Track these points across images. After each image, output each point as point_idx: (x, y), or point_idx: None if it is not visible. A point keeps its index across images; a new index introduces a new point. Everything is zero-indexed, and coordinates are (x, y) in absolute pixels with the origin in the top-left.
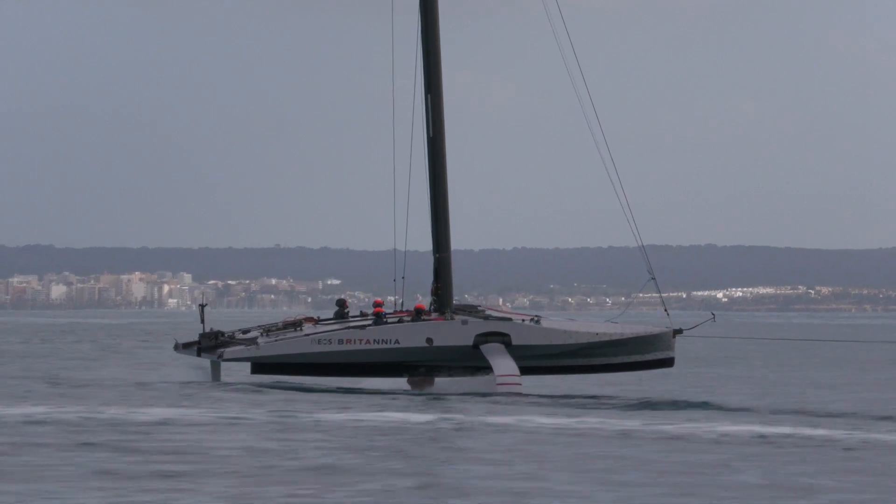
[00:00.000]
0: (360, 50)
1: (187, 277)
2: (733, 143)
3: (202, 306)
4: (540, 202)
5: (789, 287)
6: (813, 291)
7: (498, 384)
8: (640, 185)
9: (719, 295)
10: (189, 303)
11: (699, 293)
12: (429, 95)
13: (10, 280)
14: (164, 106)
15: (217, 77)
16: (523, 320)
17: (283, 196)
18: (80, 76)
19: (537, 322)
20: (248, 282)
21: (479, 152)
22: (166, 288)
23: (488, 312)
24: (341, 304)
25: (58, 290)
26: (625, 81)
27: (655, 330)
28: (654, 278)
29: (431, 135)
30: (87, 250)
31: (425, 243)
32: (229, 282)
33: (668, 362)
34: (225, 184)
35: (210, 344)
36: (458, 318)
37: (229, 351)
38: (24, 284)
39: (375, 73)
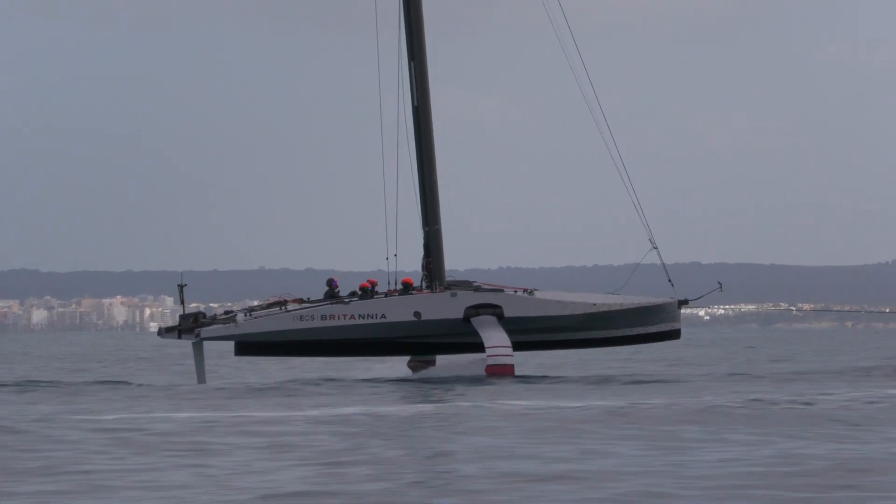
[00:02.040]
0: (343, 71)
1: (169, 301)
2: (719, 161)
3: (181, 286)
4: (526, 221)
5: (771, 304)
6: (795, 308)
7: (488, 356)
8: (625, 203)
9: (701, 312)
10: None
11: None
12: (412, 63)
13: None
14: (148, 129)
15: (200, 101)
16: (516, 291)
17: (269, 218)
18: (63, 99)
19: (531, 294)
20: (230, 304)
21: (464, 171)
22: (148, 311)
23: (481, 285)
24: (331, 283)
25: (39, 315)
26: (611, 96)
27: (659, 300)
28: (656, 248)
29: (417, 104)
30: (72, 274)
31: (412, 263)
32: (211, 304)
33: (673, 334)
34: (211, 206)
35: (190, 325)
36: (448, 290)
37: (207, 330)
38: (6, 309)
39: (359, 96)
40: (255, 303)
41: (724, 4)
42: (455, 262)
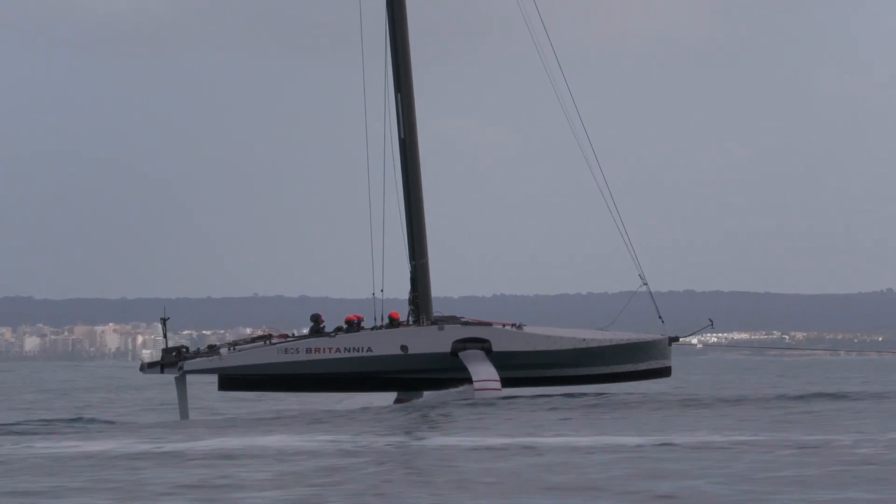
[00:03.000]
0: (335, 99)
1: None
2: (714, 189)
3: (164, 320)
4: (520, 249)
5: (764, 332)
6: (787, 336)
7: (476, 389)
8: (619, 232)
9: (694, 341)
10: None
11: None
12: (398, 95)
13: None
14: (142, 157)
15: (194, 129)
16: (504, 326)
17: (262, 246)
18: (56, 127)
19: (519, 328)
20: (222, 331)
21: (457, 199)
22: (140, 339)
23: (468, 320)
24: (316, 319)
25: (31, 342)
26: (608, 124)
27: (649, 337)
28: (646, 284)
29: (403, 136)
30: (66, 301)
31: (400, 291)
32: (204, 332)
33: (664, 372)
34: (205, 234)
35: (172, 359)
36: (435, 324)
37: (190, 363)
38: None
39: (349, 125)
40: (248, 330)
41: (718, 31)
42: (450, 289)
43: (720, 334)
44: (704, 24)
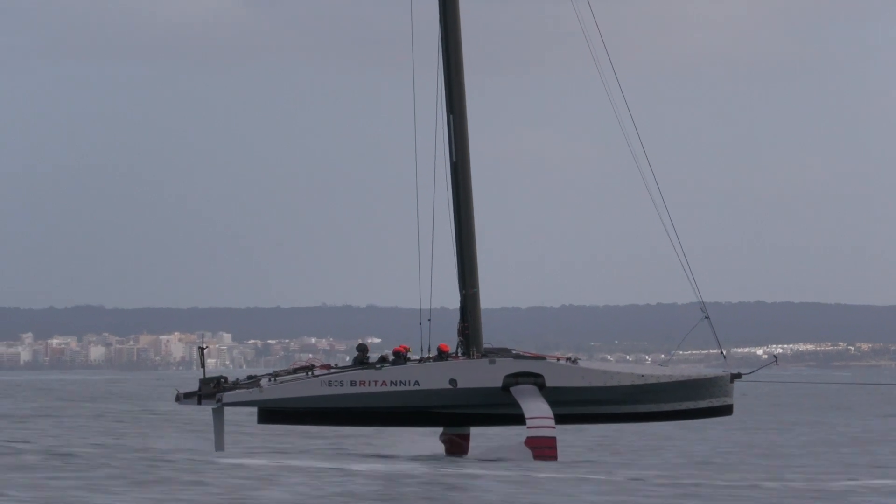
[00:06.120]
0: (402, 106)
1: (227, 337)
2: (788, 202)
3: (202, 349)
4: (591, 259)
5: (830, 343)
6: (853, 348)
7: (529, 427)
8: (690, 243)
9: (759, 352)
10: (227, 363)
11: (739, 350)
12: (451, 116)
13: (50, 341)
14: (216, 171)
15: (264, 140)
16: (559, 360)
17: (330, 255)
18: (127, 139)
19: (574, 363)
20: (287, 341)
21: (527, 209)
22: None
23: (520, 353)
24: (362, 349)
25: (97, 351)
26: (685, 136)
27: (710, 373)
28: (707, 317)
29: (455, 160)
30: (137, 311)
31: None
32: (269, 341)
33: (724, 410)
34: (275, 245)
35: (211, 390)
36: (486, 357)
37: (229, 395)
38: (63, 345)
39: (408, 142)
40: (313, 340)
41: (797, 48)
42: (518, 300)
43: (786, 345)
44: (786, 41)
